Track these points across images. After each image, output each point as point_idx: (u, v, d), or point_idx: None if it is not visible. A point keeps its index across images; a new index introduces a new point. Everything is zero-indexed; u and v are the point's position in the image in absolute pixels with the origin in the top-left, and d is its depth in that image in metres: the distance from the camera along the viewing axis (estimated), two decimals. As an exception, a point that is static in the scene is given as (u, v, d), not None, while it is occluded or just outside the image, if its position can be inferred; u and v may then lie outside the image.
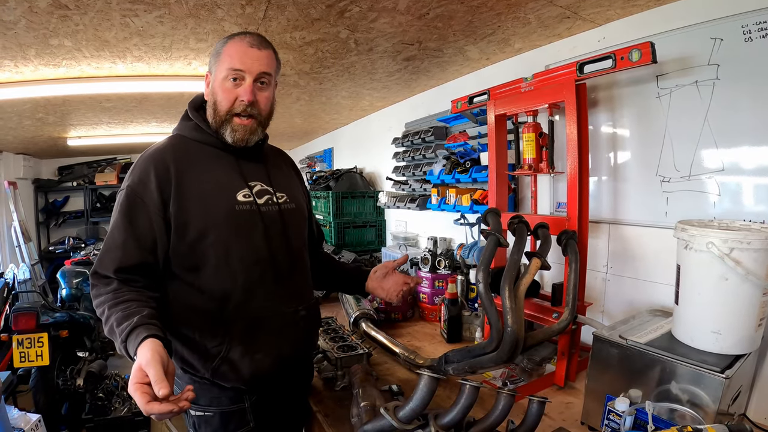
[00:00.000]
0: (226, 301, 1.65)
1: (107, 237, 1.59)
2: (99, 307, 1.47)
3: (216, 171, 1.70)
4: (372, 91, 3.93)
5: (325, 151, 6.61)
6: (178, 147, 1.71)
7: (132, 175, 1.62)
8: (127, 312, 1.38)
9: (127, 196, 1.57)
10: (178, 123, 1.82)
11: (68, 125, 5.06)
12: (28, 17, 2.06)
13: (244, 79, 1.65)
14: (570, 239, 1.90)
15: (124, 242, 1.53)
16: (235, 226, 1.65)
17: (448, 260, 3.19)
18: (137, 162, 1.65)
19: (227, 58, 1.65)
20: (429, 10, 2.17)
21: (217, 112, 1.69)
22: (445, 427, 1.32)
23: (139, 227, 1.55)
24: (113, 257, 1.52)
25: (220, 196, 1.67)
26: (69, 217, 8.56)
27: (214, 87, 1.70)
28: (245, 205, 1.69)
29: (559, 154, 2.38)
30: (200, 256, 1.62)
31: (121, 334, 1.33)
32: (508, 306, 1.41)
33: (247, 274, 1.67)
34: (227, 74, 1.65)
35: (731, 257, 1.42)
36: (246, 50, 1.65)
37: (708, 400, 1.40)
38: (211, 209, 1.64)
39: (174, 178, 1.61)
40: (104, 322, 1.43)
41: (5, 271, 5.75)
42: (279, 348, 1.75)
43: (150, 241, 1.56)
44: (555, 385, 2.08)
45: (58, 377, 4.08)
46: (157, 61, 2.84)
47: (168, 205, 1.58)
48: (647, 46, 1.81)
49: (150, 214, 1.56)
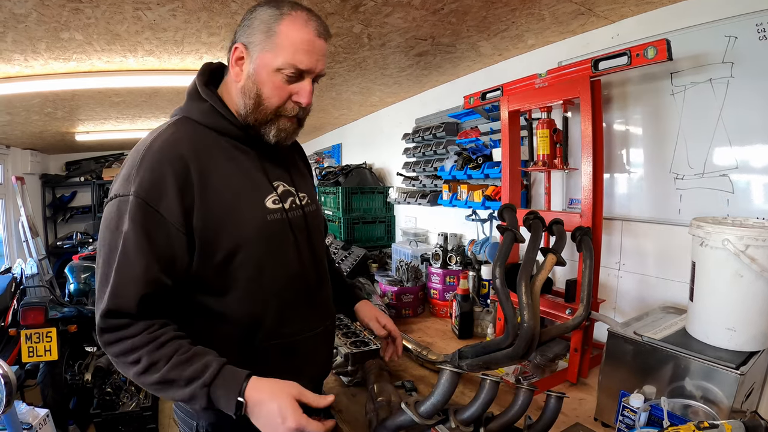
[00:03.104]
0: (256, 328, 1.40)
1: (117, 263, 1.20)
2: (129, 354, 1.18)
3: (240, 171, 1.40)
4: (383, 86, 3.92)
5: (333, 146, 6.60)
6: (195, 138, 1.35)
7: (138, 176, 1.23)
8: (186, 355, 1.19)
9: (138, 207, 1.21)
10: (184, 102, 1.45)
11: (76, 120, 5.06)
12: (40, 10, 2.06)
13: (302, 78, 1.38)
14: (584, 235, 1.89)
15: (147, 267, 1.20)
16: (267, 241, 1.39)
17: (459, 256, 3.19)
18: (141, 158, 1.26)
19: (290, 48, 1.32)
20: (444, 5, 2.16)
21: (260, 107, 1.38)
22: (465, 422, 1.33)
23: (160, 246, 1.23)
24: (134, 288, 1.19)
25: (250, 204, 1.39)
26: (76, 212, 8.55)
27: (257, 74, 1.35)
28: (276, 214, 1.43)
29: (573, 150, 2.38)
30: (227, 278, 1.34)
31: (196, 381, 1.16)
32: (524, 302, 1.40)
33: (280, 295, 1.43)
34: (286, 68, 1.33)
35: (747, 254, 1.42)
36: (313, 41, 1.35)
37: (722, 397, 1.40)
38: (242, 222, 1.35)
39: (196, 181, 1.28)
40: (144, 371, 1.17)
41: (13, 266, 5.78)
42: (311, 371, 1.58)
43: (169, 261, 1.26)
44: (567, 381, 2.09)
45: (66, 372, 4.08)
46: (168, 56, 2.84)
47: (191, 217, 1.27)
48: (663, 43, 1.81)
49: (168, 228, 1.24)
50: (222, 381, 1.17)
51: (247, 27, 1.35)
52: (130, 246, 1.20)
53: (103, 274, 1.23)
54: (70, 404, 4.13)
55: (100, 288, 1.23)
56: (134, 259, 1.20)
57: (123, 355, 1.19)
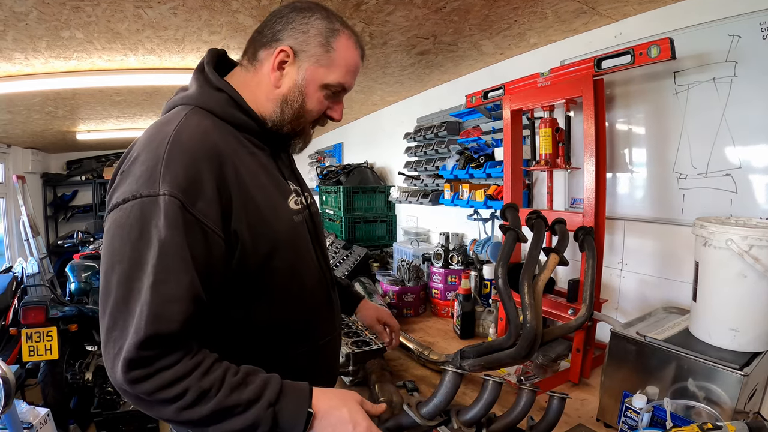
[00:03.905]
0: (286, 336, 1.32)
1: (152, 279, 1.00)
2: (172, 387, 0.99)
3: (263, 168, 1.30)
4: (384, 85, 3.92)
5: (335, 145, 6.59)
6: (220, 131, 1.21)
7: (170, 173, 1.05)
8: (238, 377, 1.06)
9: (177, 210, 1.03)
10: (193, 89, 1.29)
11: (77, 119, 5.06)
12: (40, 8, 2.06)
13: (339, 95, 1.37)
14: (587, 235, 1.88)
15: (192, 282, 1.04)
16: (296, 243, 1.31)
17: (461, 256, 3.18)
18: (168, 152, 1.08)
19: (344, 67, 1.31)
20: (446, 4, 2.16)
21: (300, 119, 1.34)
22: (467, 423, 1.32)
23: (202, 256, 1.07)
24: (178, 308, 1.01)
25: (279, 204, 1.30)
26: (77, 211, 8.55)
27: (306, 84, 1.29)
28: (298, 215, 1.35)
29: (575, 149, 2.37)
30: (259, 285, 1.21)
31: (259, 402, 1.04)
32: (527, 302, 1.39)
33: (306, 300, 1.36)
34: (335, 86, 1.32)
35: (750, 254, 1.41)
36: (359, 63, 1.36)
37: (725, 398, 1.39)
38: (275, 225, 1.24)
39: (232, 178, 1.15)
40: (192, 404, 1.00)
41: (14, 265, 5.78)
42: (332, 373, 1.57)
43: (209, 274, 1.10)
44: (569, 381, 2.08)
45: (66, 371, 4.08)
46: (169, 54, 2.83)
47: (229, 219, 1.13)
48: (666, 42, 1.80)
49: (208, 234, 1.08)
50: (288, 396, 1.08)
51: (300, 32, 1.27)
52: (171, 257, 1.02)
53: (122, 297, 1.00)
54: (70, 403, 4.12)
55: (117, 314, 1.00)
56: (177, 274, 1.02)
57: (162, 390, 0.99)
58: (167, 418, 1.03)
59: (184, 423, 1.04)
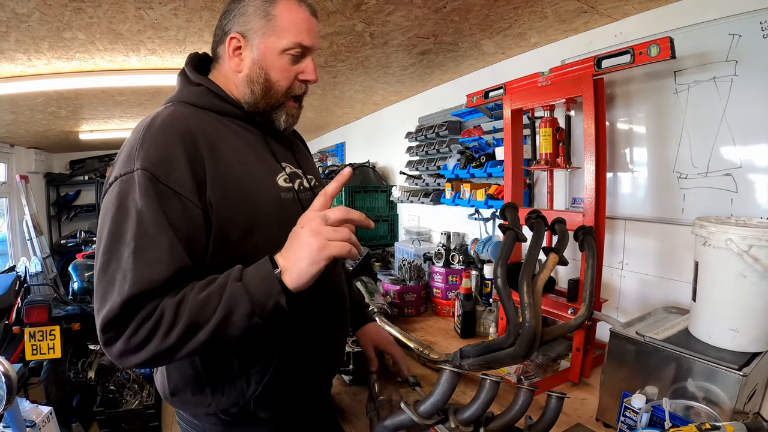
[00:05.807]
0: None
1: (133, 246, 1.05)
2: (159, 326, 1.03)
3: (248, 146, 1.35)
4: (385, 85, 3.92)
5: (337, 145, 6.60)
6: (197, 116, 1.28)
7: (142, 151, 1.12)
8: (201, 282, 1.10)
9: (149, 180, 1.09)
10: (176, 90, 1.39)
11: (80, 119, 5.08)
12: (42, 10, 2.07)
13: (304, 56, 1.39)
14: (587, 235, 1.88)
15: (171, 245, 1.08)
16: (283, 221, 1.24)
17: (462, 255, 3.18)
18: (142, 136, 1.15)
19: (291, 27, 1.33)
20: (446, 4, 2.16)
21: (271, 91, 1.37)
22: (465, 421, 1.32)
23: (179, 222, 1.11)
24: (158, 269, 1.05)
25: (263, 179, 1.33)
26: (80, 210, 8.60)
27: (263, 59, 1.34)
28: (288, 193, 1.37)
29: (576, 149, 2.37)
30: (243, 261, 1.16)
31: (228, 282, 1.07)
32: (526, 301, 1.39)
33: None
34: (292, 48, 1.34)
35: (750, 254, 1.41)
36: (310, 19, 1.38)
37: (724, 398, 1.39)
38: (257, 199, 1.28)
39: (206, 152, 1.20)
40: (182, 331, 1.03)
41: (17, 265, 5.80)
42: (331, 367, 1.60)
43: (190, 241, 1.14)
44: (569, 381, 2.08)
45: (69, 370, 4.11)
46: (171, 54, 2.84)
47: (204, 192, 1.17)
48: (666, 41, 1.79)
49: (183, 203, 1.13)
50: (250, 268, 1.10)
51: (240, 15, 1.34)
52: (148, 224, 1.06)
53: (105, 264, 1.06)
54: (73, 402, 4.15)
55: (104, 280, 1.05)
56: (155, 238, 1.06)
57: (143, 324, 1.03)
58: (160, 350, 1.05)
59: (177, 347, 1.06)
